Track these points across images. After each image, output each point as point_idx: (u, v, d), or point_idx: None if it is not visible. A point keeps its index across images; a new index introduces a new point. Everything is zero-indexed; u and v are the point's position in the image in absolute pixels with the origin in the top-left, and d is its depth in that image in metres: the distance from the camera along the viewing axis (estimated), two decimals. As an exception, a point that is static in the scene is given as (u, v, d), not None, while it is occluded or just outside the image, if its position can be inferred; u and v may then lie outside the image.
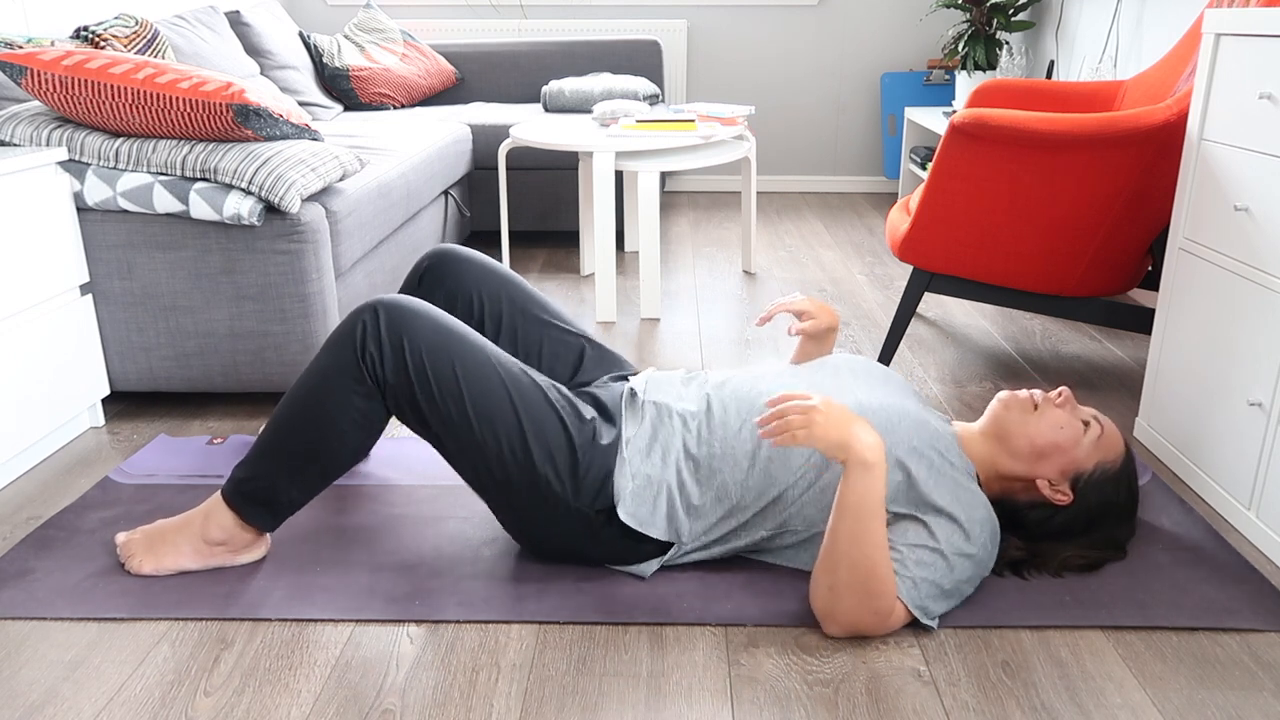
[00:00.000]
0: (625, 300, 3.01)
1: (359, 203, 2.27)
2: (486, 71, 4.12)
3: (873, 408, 1.44)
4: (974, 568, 1.38)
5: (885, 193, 4.72)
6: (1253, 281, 1.62)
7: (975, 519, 1.39)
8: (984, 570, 1.41)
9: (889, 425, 1.42)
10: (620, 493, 1.42)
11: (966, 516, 1.38)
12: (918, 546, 1.36)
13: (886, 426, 1.42)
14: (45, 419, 1.89)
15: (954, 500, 1.38)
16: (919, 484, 1.38)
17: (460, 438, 1.41)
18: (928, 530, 1.36)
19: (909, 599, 1.34)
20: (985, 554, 1.39)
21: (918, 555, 1.35)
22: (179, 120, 1.93)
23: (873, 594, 1.31)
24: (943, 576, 1.35)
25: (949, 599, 1.38)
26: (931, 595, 1.35)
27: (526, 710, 1.24)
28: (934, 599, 1.36)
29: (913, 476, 1.39)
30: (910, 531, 1.37)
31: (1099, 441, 1.49)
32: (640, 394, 1.53)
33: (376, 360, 1.40)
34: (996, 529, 1.42)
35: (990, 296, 2.21)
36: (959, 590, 1.38)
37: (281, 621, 1.41)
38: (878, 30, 4.49)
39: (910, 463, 1.40)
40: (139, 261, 2.01)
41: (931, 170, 2.08)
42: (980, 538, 1.38)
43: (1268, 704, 1.25)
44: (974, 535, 1.38)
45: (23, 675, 1.30)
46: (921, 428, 1.43)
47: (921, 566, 1.35)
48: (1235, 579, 1.50)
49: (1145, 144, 1.91)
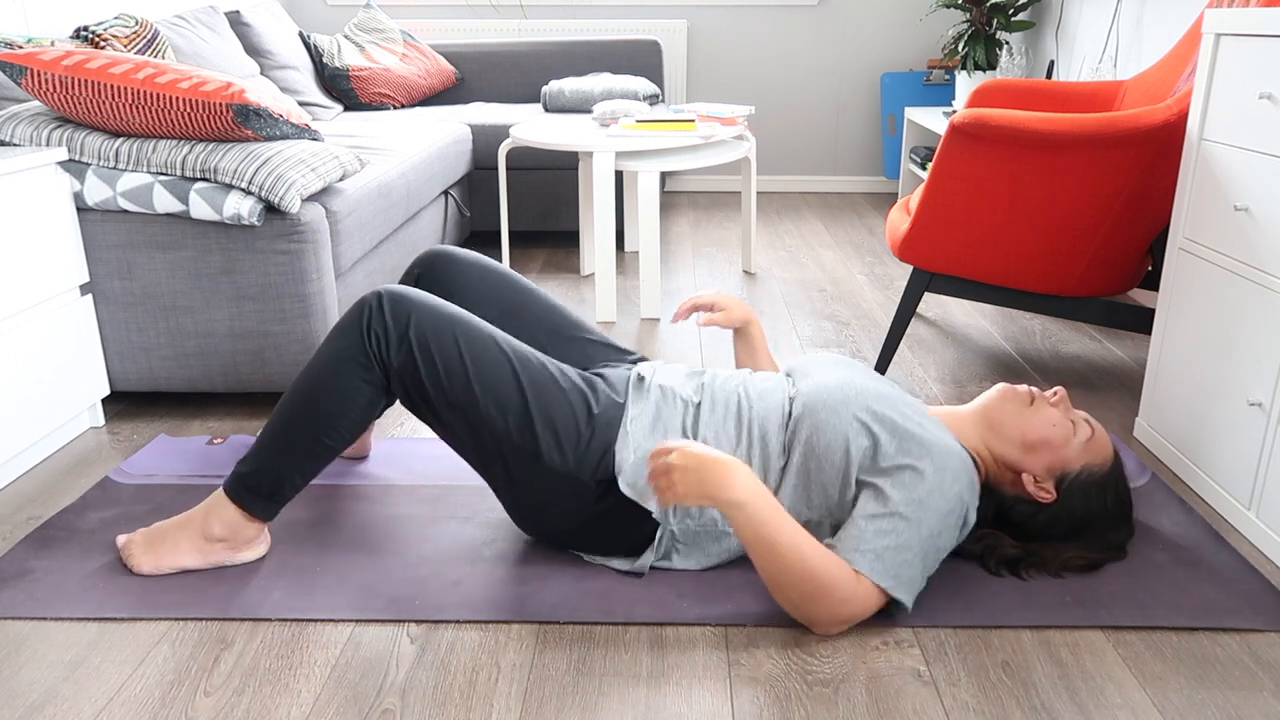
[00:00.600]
0: (625, 300, 3.01)
1: (359, 203, 2.27)
2: (486, 71, 4.12)
3: (829, 385, 1.46)
4: (939, 518, 1.36)
5: (885, 193, 4.72)
6: (1253, 281, 1.62)
7: (939, 466, 1.37)
8: (954, 520, 1.38)
9: (845, 397, 1.43)
10: (621, 465, 1.44)
11: (929, 465, 1.37)
12: (875, 517, 1.35)
13: (843, 397, 1.43)
14: (45, 419, 1.89)
15: (918, 452, 1.38)
16: (882, 447, 1.39)
17: (465, 413, 1.43)
18: (883, 496, 1.36)
19: (871, 572, 1.32)
20: (951, 499, 1.37)
21: (876, 525, 1.35)
22: (179, 120, 1.93)
23: (827, 590, 1.31)
24: (908, 539, 1.34)
25: (923, 560, 1.36)
26: (901, 562, 1.34)
27: (526, 710, 1.24)
28: (905, 565, 1.34)
29: (878, 442, 1.39)
30: (869, 503, 1.37)
31: (1088, 444, 1.49)
32: (648, 378, 1.54)
33: (382, 341, 1.43)
34: (971, 475, 1.41)
35: (990, 296, 2.21)
36: (934, 547, 1.36)
37: (281, 621, 1.41)
38: (878, 30, 4.49)
39: (874, 426, 1.40)
40: (139, 261, 2.02)
41: (931, 170, 2.08)
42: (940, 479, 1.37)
43: (1268, 704, 1.25)
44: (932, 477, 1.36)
45: (23, 675, 1.30)
46: (881, 397, 1.44)
47: (881, 535, 1.34)
48: (1235, 579, 1.50)
49: (1145, 144, 1.91)
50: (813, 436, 1.42)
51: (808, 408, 1.44)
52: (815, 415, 1.42)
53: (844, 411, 1.42)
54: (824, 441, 1.41)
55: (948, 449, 1.40)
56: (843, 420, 1.41)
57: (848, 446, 1.40)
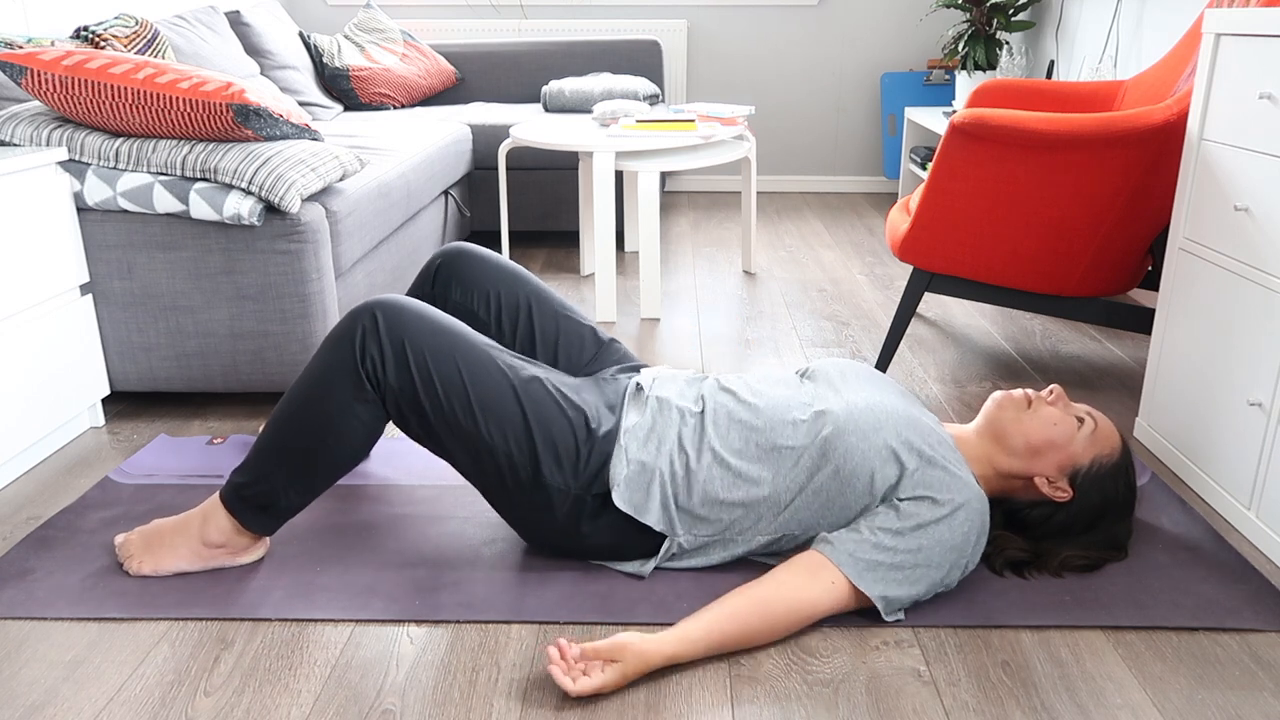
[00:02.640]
0: (625, 300, 3.01)
1: (359, 203, 2.27)
2: (486, 71, 4.12)
3: (860, 406, 1.45)
4: (942, 551, 1.37)
5: (885, 193, 4.71)
6: (1253, 281, 1.62)
7: (957, 504, 1.38)
8: (955, 558, 1.39)
9: (877, 423, 1.43)
10: (615, 478, 1.43)
11: (948, 500, 1.38)
12: (880, 530, 1.37)
13: (874, 423, 1.42)
14: (45, 419, 1.89)
15: (940, 487, 1.39)
16: (906, 476, 1.39)
17: (465, 434, 1.41)
18: (894, 517, 1.38)
19: (859, 580, 1.35)
20: (959, 537, 1.38)
21: (877, 539, 1.36)
22: (179, 120, 1.93)
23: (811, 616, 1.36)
24: (904, 560, 1.36)
25: (912, 585, 1.37)
26: (891, 580, 1.36)
27: (526, 710, 1.24)
28: (895, 583, 1.36)
29: (904, 471, 1.40)
30: (878, 518, 1.39)
31: (1094, 436, 1.49)
32: (647, 388, 1.54)
33: (378, 363, 1.40)
34: (984, 520, 1.42)
35: (990, 296, 2.21)
36: (928, 577, 1.37)
37: (281, 621, 1.41)
38: (878, 30, 4.49)
39: (903, 455, 1.40)
40: (139, 261, 2.02)
41: (931, 170, 2.08)
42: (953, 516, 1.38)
43: (1268, 704, 1.25)
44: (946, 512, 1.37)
45: (23, 675, 1.30)
46: (913, 424, 1.44)
47: (879, 550, 1.36)
48: (1235, 579, 1.50)
49: (1145, 144, 1.91)
50: (841, 461, 1.41)
51: (838, 430, 1.42)
52: (845, 439, 1.42)
53: (875, 438, 1.41)
54: (850, 466, 1.41)
55: (970, 489, 1.41)
56: (872, 448, 1.41)
57: (873, 474, 1.40)
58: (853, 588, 1.36)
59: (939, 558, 1.37)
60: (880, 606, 1.36)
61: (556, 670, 1.24)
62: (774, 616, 1.33)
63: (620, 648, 1.25)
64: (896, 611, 1.38)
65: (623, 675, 1.25)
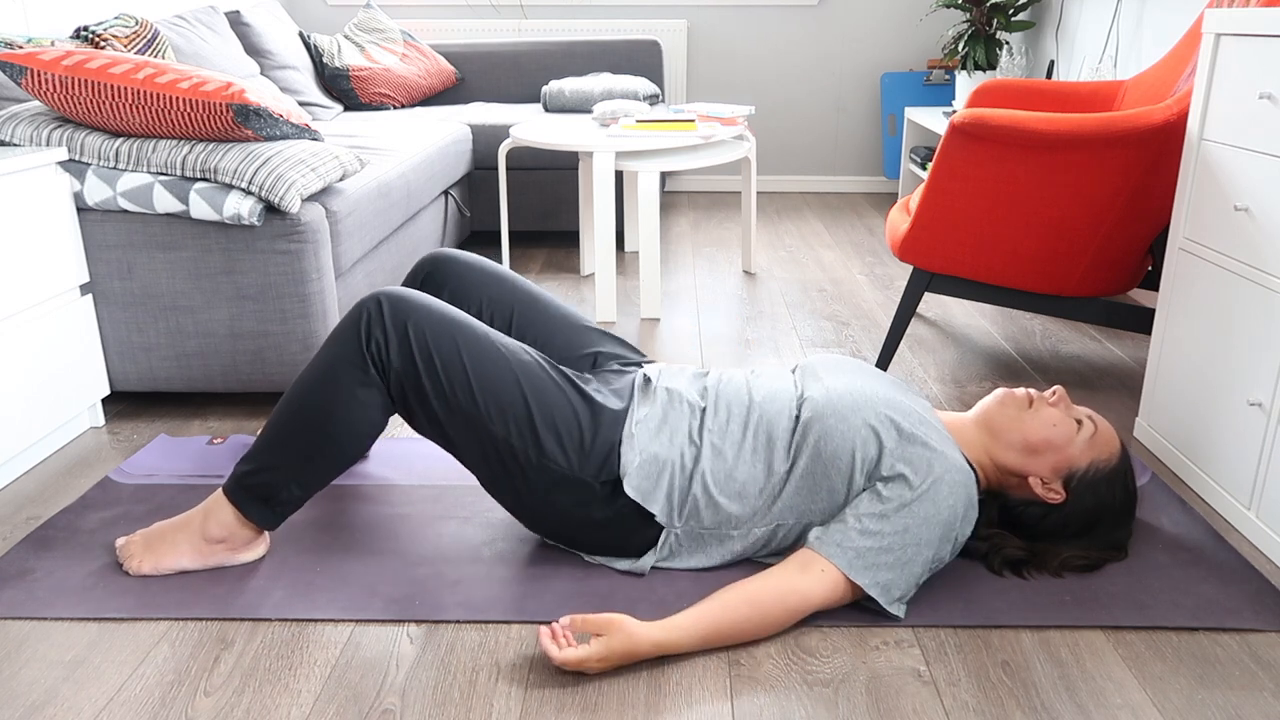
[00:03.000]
0: (625, 300, 3.01)
1: (359, 203, 2.27)
2: (486, 71, 4.12)
3: (839, 390, 1.46)
4: (928, 528, 1.37)
5: (885, 193, 4.72)
6: (1253, 281, 1.62)
7: (937, 476, 1.38)
8: (944, 532, 1.38)
9: (855, 404, 1.43)
10: (627, 467, 1.44)
11: (928, 473, 1.38)
12: (865, 516, 1.37)
13: (853, 404, 1.43)
14: (45, 419, 1.89)
15: (919, 461, 1.39)
16: (886, 453, 1.40)
17: (467, 418, 1.42)
18: (878, 498, 1.38)
19: (850, 569, 1.35)
20: (944, 511, 1.38)
21: (862, 525, 1.37)
22: (179, 120, 1.93)
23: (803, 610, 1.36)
24: (892, 542, 1.36)
25: (905, 566, 1.37)
26: (880, 564, 1.36)
27: (526, 710, 1.24)
28: (884, 567, 1.36)
29: (883, 448, 1.40)
30: (863, 503, 1.39)
31: (1092, 440, 1.49)
32: (654, 380, 1.54)
33: (382, 346, 1.42)
34: (970, 491, 1.41)
35: (990, 296, 2.21)
36: (919, 555, 1.37)
37: (281, 621, 1.41)
38: (878, 30, 4.49)
39: (881, 432, 1.41)
40: (139, 261, 2.02)
41: (931, 170, 2.08)
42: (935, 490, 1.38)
43: (1268, 704, 1.25)
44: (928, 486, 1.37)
45: (23, 675, 1.30)
46: (892, 404, 1.45)
47: (865, 536, 1.36)
48: (1235, 579, 1.50)
49: (1145, 144, 1.91)
50: (820, 442, 1.42)
51: (816, 413, 1.44)
52: (824, 421, 1.43)
53: (853, 419, 1.42)
54: (831, 448, 1.41)
55: (950, 461, 1.41)
56: (851, 427, 1.41)
57: (854, 453, 1.41)
58: (844, 578, 1.36)
59: (927, 534, 1.37)
60: (877, 595, 1.36)
61: (545, 638, 1.28)
62: (764, 606, 1.33)
63: (610, 623, 1.28)
64: (896, 602, 1.38)
65: (608, 649, 1.27)
